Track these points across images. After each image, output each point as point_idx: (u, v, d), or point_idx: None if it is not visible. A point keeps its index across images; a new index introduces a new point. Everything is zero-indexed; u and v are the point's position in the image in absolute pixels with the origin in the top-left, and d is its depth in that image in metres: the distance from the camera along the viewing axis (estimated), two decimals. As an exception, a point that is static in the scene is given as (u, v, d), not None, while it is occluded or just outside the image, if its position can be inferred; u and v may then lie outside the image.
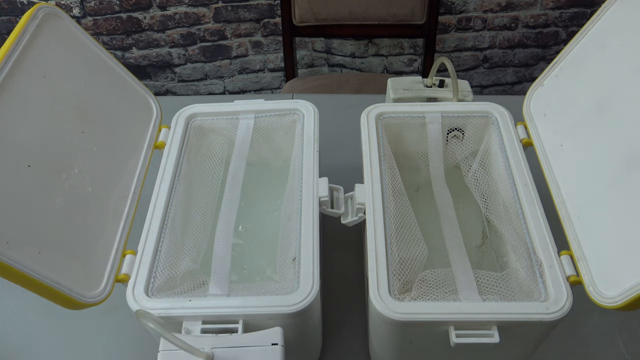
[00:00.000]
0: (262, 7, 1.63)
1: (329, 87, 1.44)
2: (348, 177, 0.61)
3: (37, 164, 0.48)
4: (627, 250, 0.43)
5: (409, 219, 0.55)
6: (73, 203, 0.50)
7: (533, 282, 0.48)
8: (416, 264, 0.51)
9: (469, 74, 1.83)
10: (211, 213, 0.61)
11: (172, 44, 1.70)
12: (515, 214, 0.54)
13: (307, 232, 0.51)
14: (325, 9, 1.36)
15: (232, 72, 1.81)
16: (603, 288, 0.44)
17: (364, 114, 0.63)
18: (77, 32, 0.57)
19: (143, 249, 0.52)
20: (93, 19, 1.61)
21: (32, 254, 0.44)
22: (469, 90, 0.73)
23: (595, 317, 0.62)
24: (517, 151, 0.58)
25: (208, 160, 0.65)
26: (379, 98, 0.80)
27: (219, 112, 0.65)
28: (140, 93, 0.65)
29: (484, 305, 0.46)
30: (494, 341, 0.44)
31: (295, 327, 0.48)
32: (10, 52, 0.48)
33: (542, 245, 0.50)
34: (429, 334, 0.47)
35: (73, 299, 0.46)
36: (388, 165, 0.59)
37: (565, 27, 1.71)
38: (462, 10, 1.65)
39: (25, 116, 0.48)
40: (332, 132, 0.79)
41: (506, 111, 0.63)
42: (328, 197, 0.56)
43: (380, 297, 0.46)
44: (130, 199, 0.57)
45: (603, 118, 0.51)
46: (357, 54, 1.77)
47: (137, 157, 0.60)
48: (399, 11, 1.35)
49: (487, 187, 0.60)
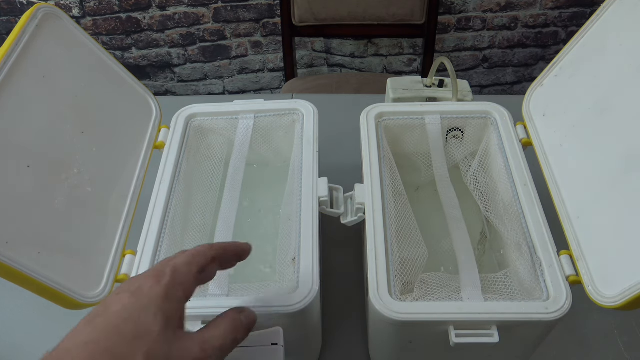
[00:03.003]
0: (262, 7, 1.64)
1: (328, 87, 1.44)
2: (348, 177, 0.61)
3: (37, 164, 0.48)
4: (626, 250, 0.43)
5: (409, 219, 0.55)
6: (73, 203, 0.50)
7: (534, 281, 0.48)
8: (417, 265, 0.51)
9: (469, 73, 1.83)
10: (211, 213, 0.61)
11: (171, 44, 1.70)
12: (515, 213, 0.54)
13: (306, 232, 0.51)
14: (325, 9, 1.36)
15: (231, 72, 1.81)
16: (602, 288, 0.44)
17: (363, 114, 0.63)
18: (76, 33, 0.57)
19: (143, 249, 0.52)
20: (92, 19, 1.61)
21: (32, 254, 0.44)
22: (468, 90, 0.73)
23: (595, 317, 0.62)
24: (516, 151, 0.58)
25: (208, 160, 0.65)
26: (378, 98, 0.80)
27: (218, 112, 0.65)
28: (139, 93, 0.65)
29: (484, 305, 0.46)
30: (493, 341, 0.44)
31: (295, 327, 0.48)
32: (10, 53, 0.48)
33: (542, 245, 0.50)
34: (429, 334, 0.47)
35: (73, 299, 0.46)
36: (388, 165, 0.59)
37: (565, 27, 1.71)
38: (462, 10, 1.65)
39: (25, 116, 0.48)
40: (331, 132, 0.79)
41: (506, 111, 0.63)
42: (328, 197, 0.56)
43: (380, 297, 0.46)
44: (130, 199, 0.57)
45: (603, 118, 0.51)
46: (357, 54, 1.77)
47: (136, 157, 0.60)
48: (399, 11, 1.35)
49: (486, 187, 0.60)
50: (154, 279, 0.32)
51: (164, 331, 0.30)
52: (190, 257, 0.35)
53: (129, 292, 0.31)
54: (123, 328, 0.29)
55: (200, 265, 0.35)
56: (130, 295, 0.31)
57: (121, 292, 0.31)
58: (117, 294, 0.32)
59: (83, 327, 0.30)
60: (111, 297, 0.32)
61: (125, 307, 0.30)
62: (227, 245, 0.39)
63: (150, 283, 0.31)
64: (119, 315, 0.30)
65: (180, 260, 0.34)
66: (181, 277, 0.33)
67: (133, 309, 0.30)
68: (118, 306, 0.30)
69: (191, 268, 0.34)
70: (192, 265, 0.34)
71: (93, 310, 0.31)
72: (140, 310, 0.30)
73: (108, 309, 0.30)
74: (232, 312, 0.37)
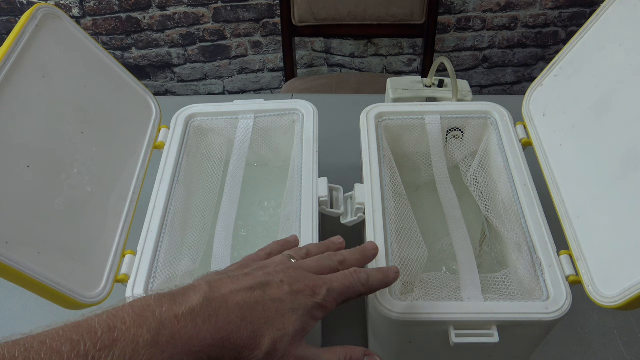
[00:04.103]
0: (262, 7, 1.63)
1: (328, 87, 1.44)
2: (347, 177, 0.61)
3: (37, 164, 0.48)
4: (626, 250, 0.43)
5: (409, 219, 0.55)
6: (72, 203, 0.50)
7: (534, 281, 0.48)
8: (417, 265, 0.51)
9: (469, 73, 1.83)
10: (210, 213, 0.61)
11: (171, 44, 1.70)
12: (515, 213, 0.54)
13: (306, 232, 0.51)
14: (325, 9, 1.36)
15: (231, 72, 1.81)
16: (602, 287, 0.44)
17: (363, 114, 0.63)
18: (76, 33, 0.57)
19: (142, 249, 0.52)
20: (92, 19, 1.61)
21: (32, 254, 0.44)
22: (468, 90, 0.73)
23: (595, 317, 0.62)
24: (516, 151, 0.58)
25: (207, 160, 0.65)
26: (378, 98, 0.80)
27: (218, 112, 0.65)
28: (139, 93, 0.65)
29: (483, 305, 0.46)
30: (493, 341, 0.44)
31: (295, 327, 0.48)
32: (10, 53, 0.48)
33: (542, 245, 0.50)
34: (429, 334, 0.47)
35: (72, 299, 0.46)
36: (388, 165, 0.59)
37: (565, 27, 1.71)
38: (462, 10, 1.65)
39: (25, 116, 0.48)
40: (331, 132, 0.79)
41: (505, 111, 0.63)
42: (327, 197, 0.56)
43: (380, 297, 0.46)
44: (130, 199, 0.57)
45: (603, 118, 0.51)
46: (357, 54, 1.77)
47: (136, 157, 0.60)
48: (398, 11, 1.35)
49: (486, 187, 0.60)
50: (311, 292, 0.35)
51: (295, 334, 0.34)
52: (345, 288, 0.37)
53: (290, 288, 0.35)
54: (269, 307, 0.34)
55: (348, 298, 0.38)
56: (289, 291, 0.35)
57: (284, 283, 0.35)
58: (280, 281, 0.35)
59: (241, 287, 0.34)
60: (274, 276, 0.36)
61: (281, 298, 0.34)
62: (378, 285, 0.40)
63: (307, 293, 0.35)
64: (273, 299, 0.34)
65: (337, 284, 0.37)
66: (328, 303, 0.36)
67: (285, 304, 0.34)
68: (276, 293, 0.34)
69: (339, 298, 0.37)
70: (341, 297, 0.37)
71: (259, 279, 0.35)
72: (289, 309, 0.34)
73: (266, 289, 0.35)
74: (351, 349, 0.38)
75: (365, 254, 0.43)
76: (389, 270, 0.41)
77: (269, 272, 0.36)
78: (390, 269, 0.41)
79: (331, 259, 0.40)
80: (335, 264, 0.40)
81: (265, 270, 0.37)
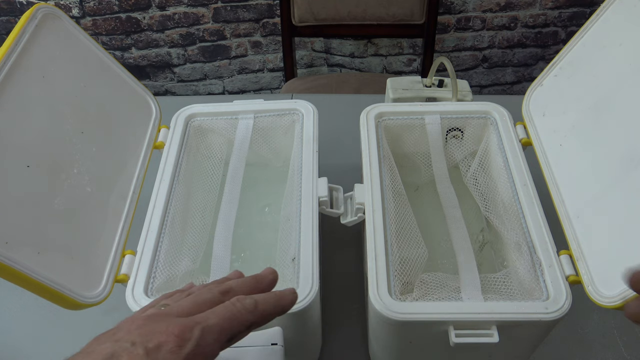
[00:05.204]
0: (261, 7, 1.63)
1: (328, 87, 1.44)
2: (347, 177, 0.61)
3: (36, 164, 0.48)
4: (626, 250, 0.43)
5: (409, 219, 0.55)
6: (72, 203, 0.50)
7: (534, 281, 0.48)
8: (416, 265, 0.51)
9: (468, 73, 1.83)
10: (210, 213, 0.61)
11: (171, 44, 1.70)
12: (515, 213, 0.54)
13: (306, 232, 0.51)
14: (325, 9, 1.36)
15: (231, 72, 1.81)
16: (602, 287, 0.44)
17: (363, 114, 0.63)
18: (76, 33, 0.57)
19: (142, 249, 0.52)
20: (92, 19, 1.61)
21: (32, 255, 0.44)
22: (468, 90, 0.73)
23: (595, 317, 0.62)
24: (516, 151, 0.58)
25: (207, 160, 0.65)
26: (378, 98, 0.80)
27: (218, 112, 0.65)
28: (139, 93, 0.65)
29: (483, 305, 0.46)
30: (493, 341, 0.44)
31: (295, 327, 0.48)
32: (9, 53, 0.48)
33: (542, 245, 0.50)
34: (429, 334, 0.47)
35: (72, 299, 0.46)
36: (387, 165, 0.59)
37: (565, 27, 1.71)
38: (461, 10, 1.65)
39: (25, 116, 0.48)
40: (331, 132, 0.79)
41: (505, 111, 0.63)
42: (327, 197, 0.56)
43: (380, 297, 0.46)
44: (130, 199, 0.57)
45: (602, 118, 0.51)
46: (357, 53, 1.77)
47: (136, 157, 0.60)
48: (398, 11, 1.35)
49: (486, 187, 0.60)
50: (177, 341, 0.28)
51: None
52: (226, 321, 0.30)
53: (144, 346, 0.27)
54: None
55: (233, 333, 0.31)
56: (144, 353, 0.27)
57: (136, 345, 0.27)
58: (131, 344, 0.27)
59: None
60: (123, 343, 0.28)
61: None
62: (272, 310, 0.33)
63: (170, 345, 0.27)
64: None
65: (215, 319, 0.30)
66: (206, 348, 0.29)
67: None
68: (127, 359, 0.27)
69: (221, 337, 0.30)
70: (224, 334, 0.30)
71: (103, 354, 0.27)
72: None
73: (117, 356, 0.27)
74: None
75: (259, 279, 0.36)
76: (284, 292, 0.34)
77: (117, 338, 0.28)
78: (285, 290, 0.35)
79: (211, 291, 0.33)
80: (216, 295, 0.33)
81: (114, 337, 0.29)
